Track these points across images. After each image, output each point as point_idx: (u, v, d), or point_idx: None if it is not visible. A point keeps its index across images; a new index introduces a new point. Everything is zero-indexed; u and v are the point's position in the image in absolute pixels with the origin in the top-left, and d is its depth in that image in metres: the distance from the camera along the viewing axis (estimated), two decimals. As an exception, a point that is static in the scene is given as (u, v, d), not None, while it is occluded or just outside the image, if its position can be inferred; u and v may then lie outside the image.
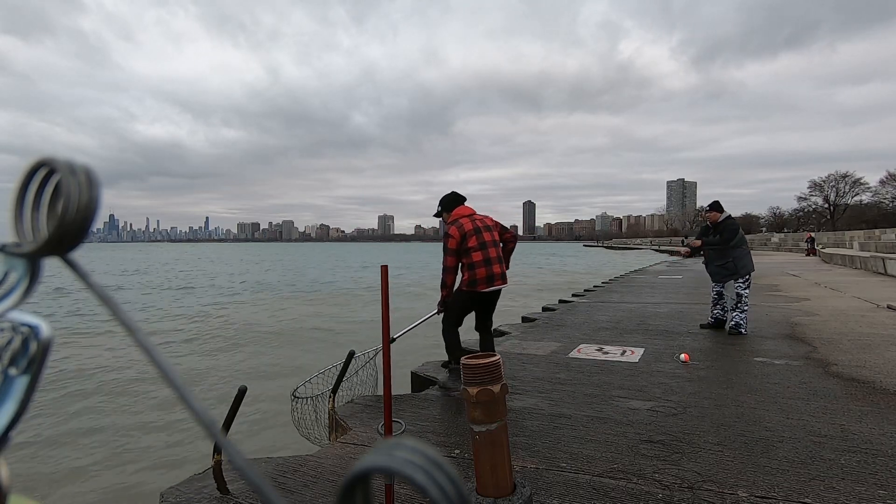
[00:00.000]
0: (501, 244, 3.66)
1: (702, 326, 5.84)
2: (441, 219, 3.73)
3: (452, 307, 3.60)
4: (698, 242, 5.63)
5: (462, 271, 3.50)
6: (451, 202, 3.68)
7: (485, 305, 3.68)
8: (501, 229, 3.68)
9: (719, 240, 5.40)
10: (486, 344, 3.74)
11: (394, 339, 3.65)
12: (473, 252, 3.43)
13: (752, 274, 5.43)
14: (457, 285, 3.61)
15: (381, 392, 3.09)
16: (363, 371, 3.57)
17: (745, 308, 5.38)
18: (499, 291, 3.62)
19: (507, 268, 3.69)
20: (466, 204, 3.70)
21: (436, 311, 3.73)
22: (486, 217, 3.64)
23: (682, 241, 5.91)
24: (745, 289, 5.36)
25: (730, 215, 5.52)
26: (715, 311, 5.73)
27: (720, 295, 5.67)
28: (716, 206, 5.57)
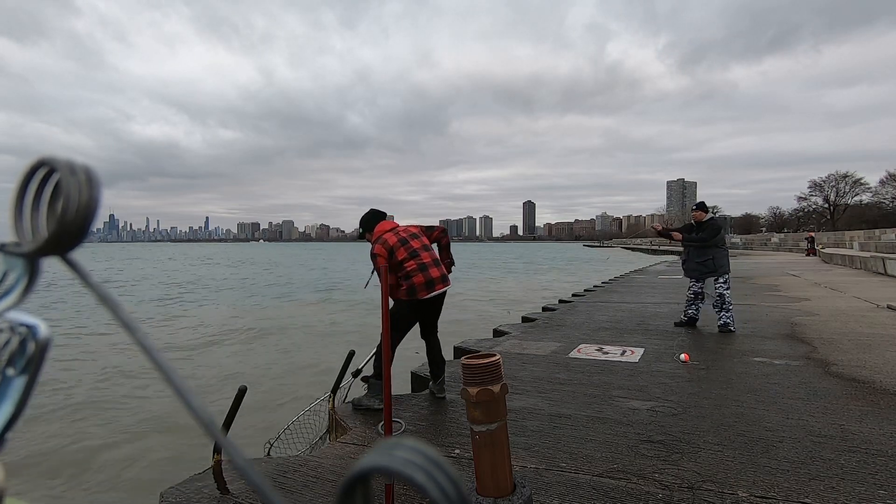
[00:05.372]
0: (435, 245, 3.56)
1: (676, 325, 5.99)
2: (366, 240, 3.58)
3: (395, 321, 3.31)
4: (680, 236, 5.86)
5: (399, 283, 3.36)
6: (371, 220, 3.54)
7: (429, 312, 3.50)
8: (427, 231, 3.60)
9: (699, 237, 5.66)
10: (434, 350, 3.58)
11: (359, 372, 3.65)
12: (406, 263, 3.33)
13: (729, 274, 5.67)
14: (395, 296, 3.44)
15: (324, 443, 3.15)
16: (307, 416, 3.47)
17: (730, 307, 5.62)
18: (442, 295, 3.47)
19: (449, 270, 3.59)
20: (397, 220, 3.58)
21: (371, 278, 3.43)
22: (410, 226, 3.56)
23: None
24: (726, 289, 5.61)
25: (713, 216, 5.82)
26: (689, 311, 5.89)
27: (696, 295, 5.86)
28: (701, 206, 5.85)
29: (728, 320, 5.55)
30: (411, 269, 3.31)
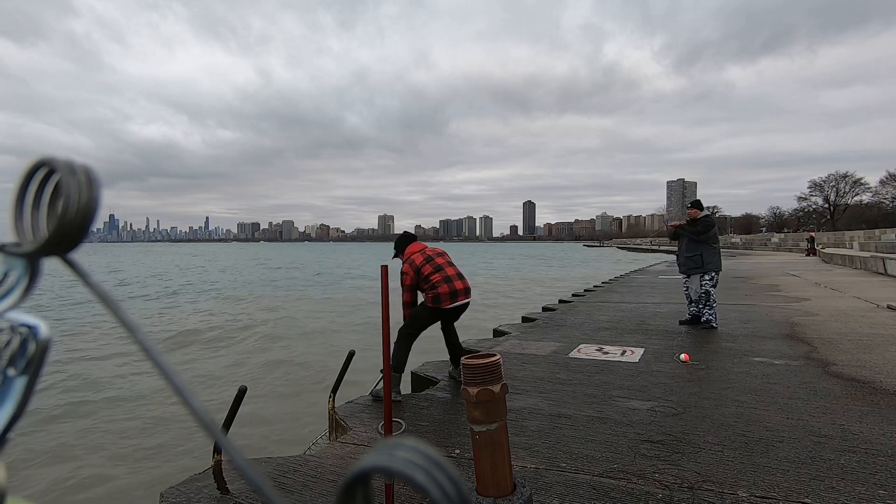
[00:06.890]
0: None
1: (680, 323, 6.08)
2: (399, 258, 3.89)
3: (414, 318, 3.70)
4: (678, 224, 6.07)
5: (426, 293, 3.66)
6: (403, 243, 3.89)
7: (449, 319, 3.79)
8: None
9: (694, 230, 5.84)
10: (453, 339, 3.85)
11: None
12: (432, 276, 3.63)
13: (719, 273, 5.79)
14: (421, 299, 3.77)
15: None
16: None
17: (714, 304, 5.77)
18: (464, 306, 3.74)
19: None
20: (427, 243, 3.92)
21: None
22: (436, 248, 3.90)
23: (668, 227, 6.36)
24: (712, 287, 5.75)
25: (708, 214, 5.94)
26: (692, 308, 6.00)
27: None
28: (696, 205, 6.02)
29: (710, 317, 5.74)
30: (437, 281, 3.62)
